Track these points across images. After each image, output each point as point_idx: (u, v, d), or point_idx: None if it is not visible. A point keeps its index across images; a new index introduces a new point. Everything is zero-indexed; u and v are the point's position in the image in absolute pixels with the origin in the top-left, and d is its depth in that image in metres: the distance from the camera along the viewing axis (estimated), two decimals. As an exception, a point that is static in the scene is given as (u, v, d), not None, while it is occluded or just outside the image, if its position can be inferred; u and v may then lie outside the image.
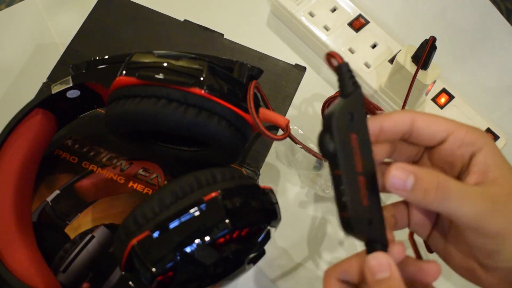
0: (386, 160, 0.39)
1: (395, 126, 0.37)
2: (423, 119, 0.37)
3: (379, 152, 0.38)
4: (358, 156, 0.34)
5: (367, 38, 0.64)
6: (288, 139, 0.57)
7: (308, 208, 0.58)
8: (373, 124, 0.36)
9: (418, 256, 0.45)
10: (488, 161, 0.37)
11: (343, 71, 0.33)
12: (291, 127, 0.56)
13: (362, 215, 0.33)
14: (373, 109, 0.58)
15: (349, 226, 0.33)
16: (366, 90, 0.62)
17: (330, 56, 0.33)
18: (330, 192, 0.57)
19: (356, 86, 0.34)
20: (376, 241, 0.34)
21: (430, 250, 0.41)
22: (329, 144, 0.33)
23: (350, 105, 0.33)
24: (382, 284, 0.34)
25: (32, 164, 0.50)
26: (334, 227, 0.57)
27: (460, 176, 0.38)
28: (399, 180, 0.34)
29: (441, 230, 0.40)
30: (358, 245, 0.56)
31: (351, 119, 0.33)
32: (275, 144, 0.58)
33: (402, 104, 0.57)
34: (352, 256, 0.37)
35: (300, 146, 0.57)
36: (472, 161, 0.37)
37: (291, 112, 0.59)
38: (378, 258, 0.34)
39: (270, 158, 0.57)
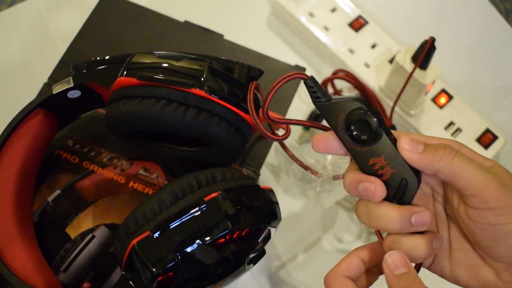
0: None
1: None
2: (444, 172, 0.38)
3: None
4: None
5: (367, 38, 0.64)
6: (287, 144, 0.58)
7: (308, 208, 0.58)
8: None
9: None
10: (474, 157, 0.38)
11: (309, 84, 0.39)
12: (284, 141, 0.56)
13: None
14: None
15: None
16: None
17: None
18: (323, 201, 0.57)
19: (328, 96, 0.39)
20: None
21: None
22: (372, 121, 0.38)
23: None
24: (401, 279, 0.36)
25: (33, 164, 0.50)
26: (334, 227, 0.57)
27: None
28: (411, 144, 0.37)
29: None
30: (357, 245, 0.56)
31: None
32: (275, 153, 0.58)
33: (395, 101, 0.58)
34: (350, 254, 0.39)
35: (291, 158, 0.57)
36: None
37: (290, 113, 0.59)
38: (394, 256, 0.36)
39: (270, 158, 0.57)
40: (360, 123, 0.38)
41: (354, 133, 0.39)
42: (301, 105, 0.62)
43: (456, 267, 0.41)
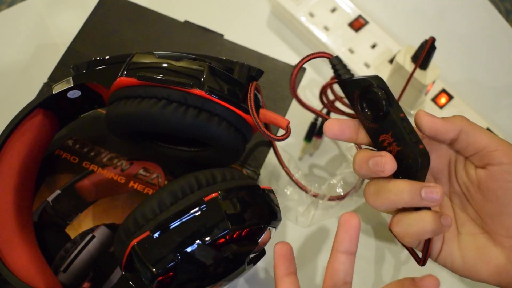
0: None
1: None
2: (466, 131, 0.41)
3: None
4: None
5: (367, 38, 0.64)
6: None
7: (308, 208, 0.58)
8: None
9: (417, 257, 0.45)
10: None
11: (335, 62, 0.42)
12: (281, 153, 0.56)
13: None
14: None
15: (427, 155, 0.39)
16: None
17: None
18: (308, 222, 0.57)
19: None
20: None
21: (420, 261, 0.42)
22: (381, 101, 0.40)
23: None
24: None
25: (33, 164, 0.50)
26: (333, 227, 0.57)
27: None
28: (430, 114, 0.40)
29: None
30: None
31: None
32: (275, 153, 0.58)
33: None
34: None
35: (287, 174, 0.57)
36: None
37: (290, 113, 0.59)
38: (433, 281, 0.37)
39: (270, 158, 0.57)
40: (371, 100, 0.40)
41: (365, 109, 0.40)
42: (300, 106, 0.62)
43: (466, 252, 0.41)
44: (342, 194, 0.56)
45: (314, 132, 0.59)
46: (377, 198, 0.40)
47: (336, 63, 0.41)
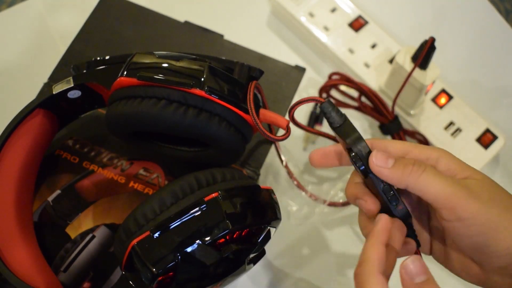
0: None
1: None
2: (378, 144, 0.41)
3: None
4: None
5: (367, 38, 0.64)
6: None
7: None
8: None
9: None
10: (451, 167, 0.39)
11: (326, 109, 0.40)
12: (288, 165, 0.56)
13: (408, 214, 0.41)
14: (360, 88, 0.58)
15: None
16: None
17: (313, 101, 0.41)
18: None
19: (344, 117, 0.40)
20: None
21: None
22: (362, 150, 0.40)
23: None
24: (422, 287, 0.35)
25: (33, 164, 0.50)
26: (334, 227, 0.57)
27: None
28: (382, 160, 0.39)
29: (439, 236, 0.42)
30: (356, 246, 0.56)
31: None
32: (275, 153, 0.58)
33: (395, 101, 0.58)
34: (375, 241, 0.38)
35: (295, 183, 0.57)
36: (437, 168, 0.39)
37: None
38: (415, 263, 0.36)
39: (270, 158, 0.57)
40: (354, 156, 0.40)
41: (353, 159, 0.40)
42: (301, 106, 0.62)
43: (449, 262, 0.42)
44: (341, 201, 0.56)
45: (315, 120, 0.60)
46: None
47: (327, 110, 0.40)
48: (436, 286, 0.36)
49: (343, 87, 0.61)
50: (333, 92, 0.62)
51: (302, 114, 0.62)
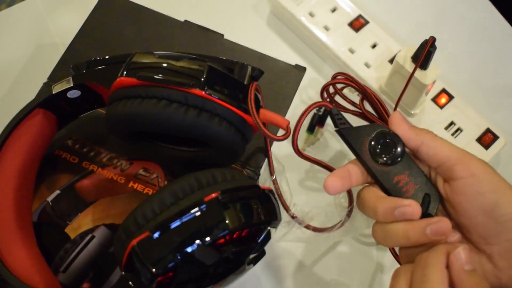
0: None
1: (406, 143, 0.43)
2: (430, 145, 0.42)
3: None
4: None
5: (367, 38, 0.64)
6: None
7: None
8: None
9: (397, 257, 0.49)
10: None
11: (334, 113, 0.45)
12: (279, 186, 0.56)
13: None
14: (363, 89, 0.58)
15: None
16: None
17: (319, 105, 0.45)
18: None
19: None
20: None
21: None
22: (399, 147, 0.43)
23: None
24: (473, 276, 0.36)
25: (33, 164, 0.50)
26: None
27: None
28: (401, 118, 0.43)
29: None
30: (357, 246, 0.56)
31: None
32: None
33: (397, 102, 0.58)
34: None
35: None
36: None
37: (290, 113, 0.59)
38: (466, 252, 0.37)
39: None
40: (385, 144, 0.42)
41: (379, 153, 0.42)
42: (301, 106, 0.62)
43: None
44: (319, 227, 0.55)
45: (317, 121, 0.60)
46: (385, 241, 0.41)
47: (336, 113, 0.44)
48: (479, 277, 0.37)
49: (345, 91, 0.61)
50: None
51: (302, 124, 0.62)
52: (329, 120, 0.61)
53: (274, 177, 0.55)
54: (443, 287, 0.36)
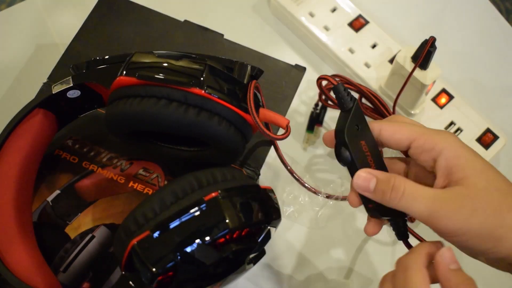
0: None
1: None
2: (386, 128, 0.42)
3: None
4: (370, 158, 0.41)
5: (367, 38, 0.64)
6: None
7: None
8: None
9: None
10: (449, 164, 0.40)
11: (339, 90, 0.41)
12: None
13: None
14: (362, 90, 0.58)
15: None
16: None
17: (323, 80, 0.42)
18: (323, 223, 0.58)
19: (354, 100, 0.41)
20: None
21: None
22: (345, 154, 0.40)
23: (354, 118, 0.41)
24: (458, 274, 0.37)
25: (33, 164, 0.50)
26: (334, 227, 0.57)
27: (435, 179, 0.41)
28: (364, 181, 0.40)
29: None
30: (357, 246, 0.56)
31: (358, 129, 0.41)
32: (275, 153, 0.58)
33: (396, 101, 0.58)
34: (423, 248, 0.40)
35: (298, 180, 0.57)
36: (435, 165, 0.40)
37: (290, 113, 0.59)
38: (450, 252, 0.38)
39: (270, 158, 0.57)
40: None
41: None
42: (301, 105, 0.62)
43: None
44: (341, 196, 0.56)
45: (315, 120, 0.60)
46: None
47: (340, 90, 0.41)
48: (465, 274, 0.37)
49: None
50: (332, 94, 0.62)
51: (302, 114, 0.62)
52: (327, 118, 0.61)
53: (289, 167, 0.55)
54: (425, 286, 0.37)
